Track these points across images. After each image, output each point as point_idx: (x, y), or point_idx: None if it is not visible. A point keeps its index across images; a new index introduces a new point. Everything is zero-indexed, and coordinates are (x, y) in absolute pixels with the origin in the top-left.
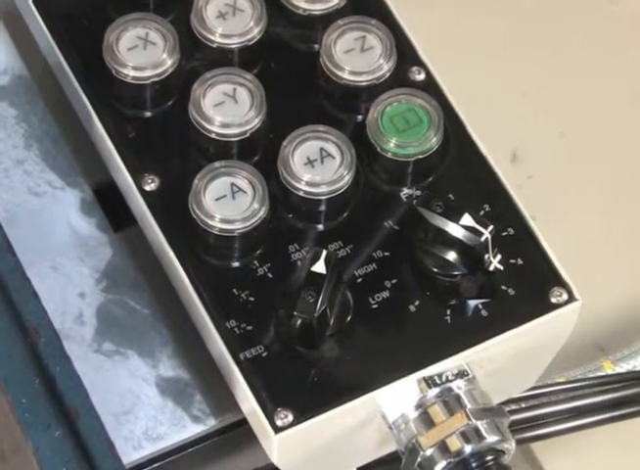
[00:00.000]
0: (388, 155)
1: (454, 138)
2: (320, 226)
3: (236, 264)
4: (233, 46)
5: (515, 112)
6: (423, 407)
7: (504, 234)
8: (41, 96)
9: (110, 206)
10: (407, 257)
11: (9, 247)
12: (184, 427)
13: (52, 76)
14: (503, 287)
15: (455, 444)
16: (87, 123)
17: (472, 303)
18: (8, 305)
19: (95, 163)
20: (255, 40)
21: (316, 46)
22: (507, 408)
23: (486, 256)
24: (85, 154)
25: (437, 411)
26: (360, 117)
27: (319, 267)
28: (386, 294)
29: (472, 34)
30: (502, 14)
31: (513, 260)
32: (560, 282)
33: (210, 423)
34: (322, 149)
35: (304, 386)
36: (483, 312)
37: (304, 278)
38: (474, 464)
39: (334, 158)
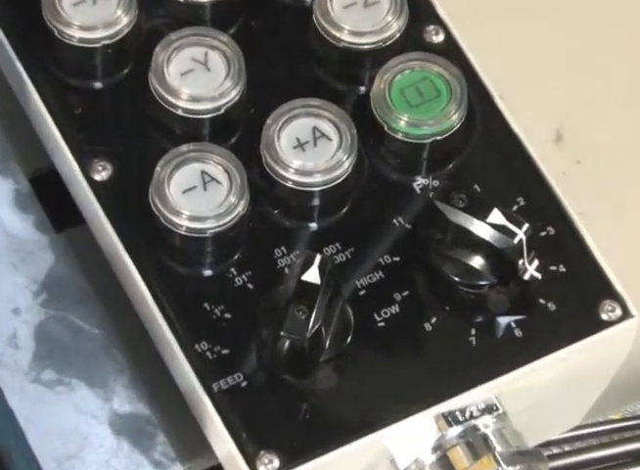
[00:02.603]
0: (399, 136)
1: (480, 114)
2: (313, 225)
3: (208, 273)
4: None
5: (559, 80)
6: (442, 450)
7: (543, 234)
8: None
9: (50, 199)
10: (422, 263)
11: None
12: None
13: None
14: (541, 300)
15: None
16: (23, 97)
17: (502, 320)
18: None
19: (32, 146)
20: None
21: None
22: (546, 452)
23: (520, 261)
24: (20, 135)
25: (460, 455)
26: (363, 89)
27: (312, 276)
28: (395, 309)
29: None
30: None
31: (554, 267)
32: (612, 294)
33: None
34: (315, 128)
35: (293, 424)
36: (517, 332)
37: (294, 290)
38: None
39: (330, 139)
